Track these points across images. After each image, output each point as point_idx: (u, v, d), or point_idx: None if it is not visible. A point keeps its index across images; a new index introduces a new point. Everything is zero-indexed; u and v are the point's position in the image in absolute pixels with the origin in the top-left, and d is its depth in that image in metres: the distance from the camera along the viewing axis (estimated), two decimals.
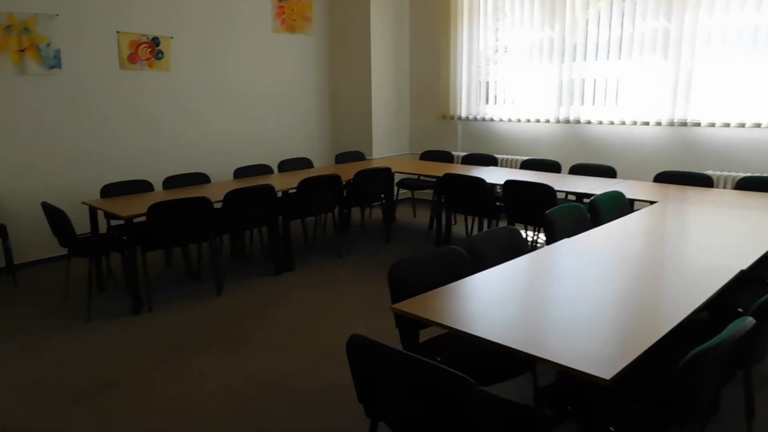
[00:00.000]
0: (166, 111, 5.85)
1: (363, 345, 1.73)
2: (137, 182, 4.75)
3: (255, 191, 4.48)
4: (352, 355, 1.80)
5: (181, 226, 4.07)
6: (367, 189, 5.41)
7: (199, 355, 3.36)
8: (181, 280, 4.71)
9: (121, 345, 3.51)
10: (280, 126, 6.98)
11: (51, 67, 4.92)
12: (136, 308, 3.99)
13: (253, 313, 4.00)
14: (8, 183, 4.85)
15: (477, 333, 1.85)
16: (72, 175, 5.24)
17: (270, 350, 3.42)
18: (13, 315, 3.99)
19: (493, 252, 2.82)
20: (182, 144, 6.03)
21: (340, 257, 5.30)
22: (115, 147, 5.50)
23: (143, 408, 2.81)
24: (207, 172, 5.41)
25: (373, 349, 1.70)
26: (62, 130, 5.13)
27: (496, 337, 1.81)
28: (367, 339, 1.73)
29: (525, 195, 4.44)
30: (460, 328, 1.89)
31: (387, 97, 7.38)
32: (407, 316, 2.07)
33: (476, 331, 1.86)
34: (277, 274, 4.82)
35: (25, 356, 3.37)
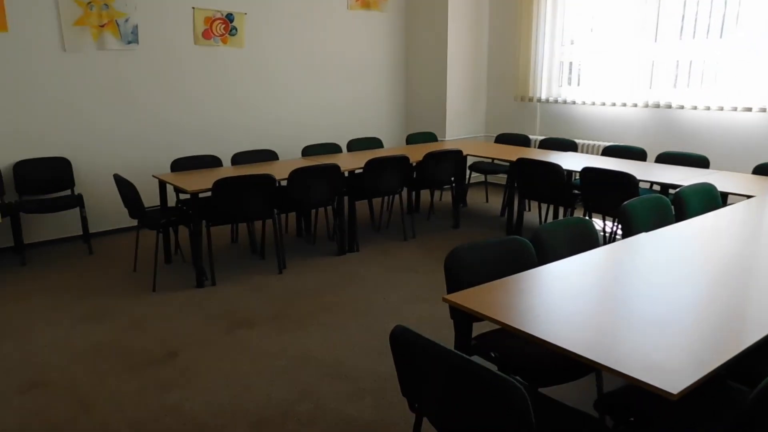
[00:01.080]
0: (237, 88, 5.96)
1: (406, 337, 1.66)
2: (207, 157, 4.88)
3: (320, 170, 4.48)
4: (396, 346, 1.73)
5: (244, 203, 4.14)
6: (437, 171, 5.30)
7: (257, 331, 3.42)
8: (246, 256, 4.81)
9: (182, 316, 3.63)
10: (352, 105, 6.97)
11: (129, 42, 5.13)
12: (199, 281, 4.11)
13: (314, 292, 4.02)
14: (86, 154, 5.12)
15: (532, 332, 1.73)
16: (146, 149, 5.46)
17: (327, 331, 3.43)
18: (86, 281, 4.22)
19: (561, 244, 2.66)
20: (253, 121, 6.14)
21: (406, 240, 5.24)
22: (188, 123, 5.68)
23: (201, 379, 2.89)
24: (276, 150, 5.49)
25: (416, 342, 1.63)
26: (137, 105, 5.34)
27: (553, 338, 1.69)
28: (410, 331, 1.65)
29: (604, 183, 4.19)
30: (514, 325, 1.78)
31: (463, 77, 7.19)
32: (458, 308, 1.98)
33: (531, 330, 1.74)
34: (340, 255, 4.84)
35: (92, 322, 3.56)
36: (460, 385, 1.55)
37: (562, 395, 2.73)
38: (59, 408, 2.65)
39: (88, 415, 2.59)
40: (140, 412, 2.62)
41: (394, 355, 1.76)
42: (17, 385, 2.84)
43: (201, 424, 2.53)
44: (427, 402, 1.74)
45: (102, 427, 2.50)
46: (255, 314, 3.67)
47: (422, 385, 1.72)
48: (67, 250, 4.91)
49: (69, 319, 3.60)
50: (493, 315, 1.86)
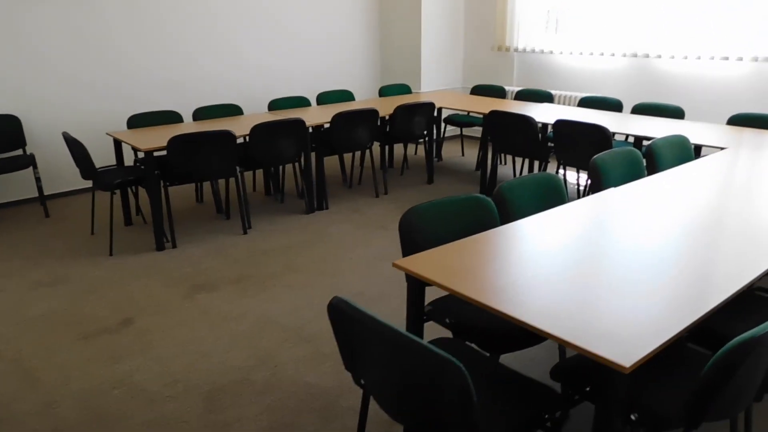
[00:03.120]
0: (201, 40, 5.66)
1: (343, 309, 1.55)
2: (166, 113, 4.65)
3: (283, 125, 4.29)
4: (334, 319, 1.62)
5: (202, 161, 3.96)
6: (409, 125, 5.12)
7: (217, 295, 3.31)
8: (211, 217, 4.66)
9: (140, 281, 3.50)
10: (322, 56, 6.69)
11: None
12: (159, 244, 3.97)
13: (279, 253, 3.90)
14: (38, 110, 4.84)
15: (480, 299, 1.63)
16: (104, 102, 5.19)
17: (291, 293, 3.32)
18: (41, 246, 4.05)
19: (525, 202, 2.55)
20: (218, 75, 5.87)
21: (378, 197, 5.11)
22: (149, 74, 5.40)
23: (155, 348, 2.79)
24: (243, 105, 5.27)
25: (353, 316, 1.52)
26: (95, 53, 5.04)
27: (504, 306, 1.59)
28: (347, 303, 1.54)
29: (577, 136, 4.06)
30: (462, 292, 1.68)
31: (438, 26, 6.92)
32: (409, 273, 1.87)
33: (480, 297, 1.64)
34: (309, 213, 4.70)
35: (46, 288, 3.42)
36: (398, 362, 1.45)
37: (521, 362, 2.67)
38: (3, 382, 2.54)
39: (33, 390, 2.48)
40: (88, 384, 2.52)
41: (333, 328, 1.65)
42: None
43: (151, 397, 2.43)
44: (370, 378, 1.65)
45: (46, 403, 2.40)
46: (217, 277, 3.55)
47: (364, 360, 1.62)
48: (22, 214, 4.71)
49: (22, 286, 3.46)
50: (442, 282, 1.75)
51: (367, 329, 1.51)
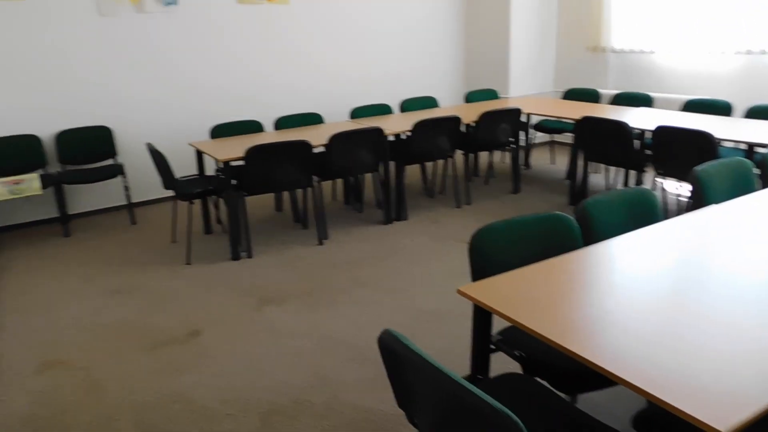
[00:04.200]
0: (283, 48, 5.73)
1: (393, 347, 1.40)
2: (248, 123, 4.71)
3: (361, 134, 4.21)
4: (384, 354, 1.47)
5: (279, 171, 3.95)
6: (494, 132, 4.89)
7: (285, 309, 3.26)
8: (288, 226, 4.66)
9: (212, 292, 3.52)
10: (406, 63, 6.59)
11: (168, 4, 4.98)
12: (234, 254, 3.99)
13: (352, 265, 3.81)
14: (127, 122, 5.07)
15: (551, 335, 1.42)
16: (188, 114, 5.36)
17: (359, 310, 3.21)
18: (124, 253, 4.21)
19: (613, 219, 2.29)
20: (299, 83, 5.91)
21: (459, 207, 4.92)
22: (231, 87, 5.52)
23: (218, 362, 2.76)
24: (324, 113, 5.26)
25: (403, 354, 1.36)
26: (178, 69, 5.22)
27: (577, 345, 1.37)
28: (397, 340, 1.39)
29: (677, 144, 3.67)
30: (530, 326, 1.48)
31: (528, 28, 6.61)
32: (474, 302, 1.69)
33: (552, 333, 1.43)
34: (387, 224, 4.59)
35: (123, 296, 3.51)
36: (449, 409, 1.28)
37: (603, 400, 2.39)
38: (70, 390, 2.60)
39: (97, 400, 2.52)
40: (150, 396, 2.52)
41: (385, 363, 1.51)
42: (36, 364, 2.82)
43: (209, 414, 2.39)
44: (422, 419, 1.48)
45: (108, 415, 2.42)
46: (286, 290, 3.51)
47: (416, 399, 1.46)
48: (111, 221, 4.94)
49: (100, 292, 3.58)
50: (509, 313, 1.56)
51: (416, 369, 1.35)
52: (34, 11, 4.50)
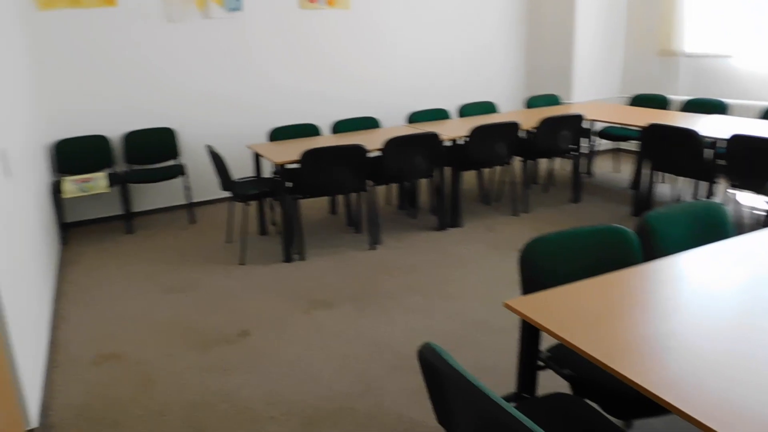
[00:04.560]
0: (342, 53, 5.76)
1: (432, 361, 1.35)
2: (306, 126, 4.77)
3: (416, 139, 4.18)
4: (424, 368, 1.43)
5: (333, 175, 3.97)
6: (553, 139, 4.75)
7: (335, 313, 3.26)
8: (342, 230, 4.68)
9: (263, 293, 3.57)
10: (466, 68, 6.50)
11: (232, 9, 5.11)
12: (287, 256, 4.04)
13: (403, 271, 3.78)
14: (190, 124, 5.22)
15: (602, 357, 1.34)
16: (249, 117, 5.47)
17: (410, 316, 3.18)
18: (183, 251, 4.33)
19: (677, 234, 2.16)
20: (357, 87, 5.93)
21: (516, 215, 4.80)
22: (291, 90, 5.60)
23: (266, 363, 2.79)
24: (382, 117, 5.26)
25: (442, 369, 1.31)
26: (240, 73, 5.34)
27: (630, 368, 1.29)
28: (437, 355, 1.34)
29: (756, 154, 3.44)
30: (580, 346, 1.40)
31: (595, 30, 6.40)
32: (521, 317, 1.63)
33: (603, 354, 1.35)
34: (441, 230, 4.53)
35: (178, 294, 3.61)
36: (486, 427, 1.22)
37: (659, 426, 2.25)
38: (124, 384, 2.68)
39: (148, 395, 2.58)
40: (199, 395, 2.56)
41: (424, 377, 1.46)
42: (94, 356, 2.93)
43: (254, 415, 2.41)
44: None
45: (158, 411, 2.48)
46: (337, 294, 3.51)
47: (455, 418, 1.41)
48: (171, 219, 5.10)
49: (158, 289, 3.69)
50: (557, 330, 1.49)
51: (455, 386, 1.30)
52: (107, 19, 4.70)
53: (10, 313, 2.19)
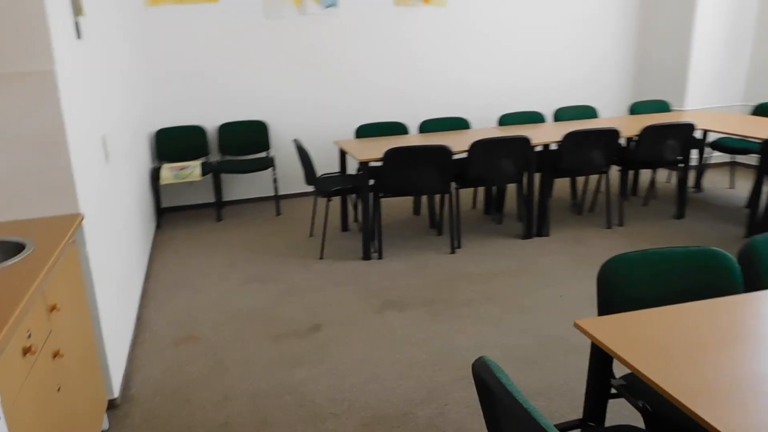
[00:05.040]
0: (436, 51, 5.73)
1: (485, 375, 1.31)
2: (393, 125, 4.79)
3: (505, 142, 4.08)
4: (477, 383, 1.38)
5: (416, 175, 3.96)
6: (658, 149, 4.48)
7: (406, 315, 3.25)
8: (423, 231, 4.66)
9: (338, 289, 3.62)
10: (565, 68, 6.27)
11: (328, 6, 5.22)
12: (366, 254, 4.08)
13: (482, 278, 3.71)
14: (281, 118, 5.40)
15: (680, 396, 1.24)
16: (339, 113, 5.57)
17: (482, 326, 3.11)
18: (266, 242, 4.48)
19: None
20: (449, 86, 5.87)
21: (609, 228, 4.57)
22: (382, 87, 5.64)
23: (333, 359, 2.83)
24: (472, 118, 5.20)
25: (493, 387, 1.27)
26: (333, 69, 5.45)
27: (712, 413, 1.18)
28: (489, 370, 1.29)
29: None
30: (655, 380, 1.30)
31: (716, 31, 5.95)
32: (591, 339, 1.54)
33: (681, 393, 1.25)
34: (526, 239, 4.41)
35: (257, 283, 3.74)
36: None
37: None
38: (199, 365, 2.81)
39: (219, 378, 2.70)
40: (266, 384, 2.65)
41: (478, 392, 1.42)
42: (175, 337, 3.10)
43: (316, 410, 2.45)
44: None
45: (225, 395, 2.58)
46: (411, 296, 3.50)
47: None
48: (258, 210, 5.29)
49: (239, 278, 3.85)
50: (631, 359, 1.40)
51: (505, 407, 1.25)
52: (208, 14, 4.96)
53: (100, 291, 2.37)
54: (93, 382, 2.15)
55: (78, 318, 2.03)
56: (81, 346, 2.02)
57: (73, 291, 2.02)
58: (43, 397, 1.56)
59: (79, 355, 1.99)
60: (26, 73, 1.98)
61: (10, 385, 1.33)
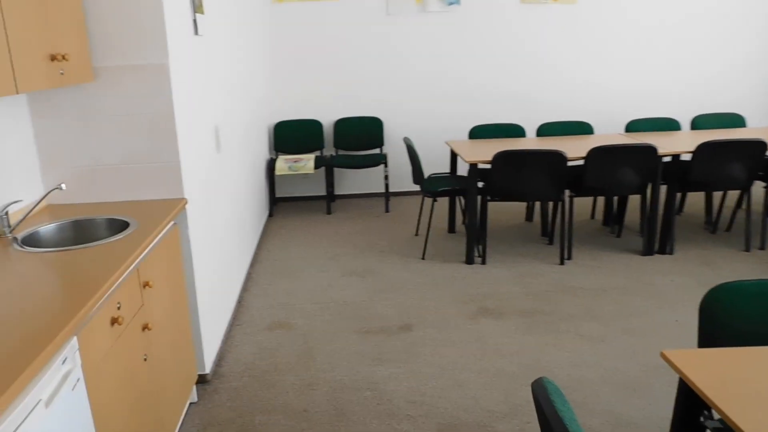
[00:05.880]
0: (561, 49, 5.49)
1: (541, 398, 1.24)
2: (510, 127, 4.68)
3: (627, 150, 3.83)
4: (535, 404, 1.32)
5: (526, 180, 3.83)
6: None
7: (502, 324, 3.17)
8: (533, 239, 4.50)
9: (435, 290, 3.60)
10: (704, 71, 5.74)
11: (450, 3, 5.20)
12: (468, 258, 4.01)
13: (586, 294, 3.51)
14: (396, 115, 5.46)
15: None
16: (455, 112, 5.52)
17: (582, 344, 2.95)
18: (371, 237, 4.56)
19: None
20: (573, 87, 5.61)
21: (748, 251, 4.14)
22: (502, 87, 5.52)
23: (419, 361, 2.82)
24: (596, 123, 4.94)
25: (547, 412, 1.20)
26: (451, 67, 5.41)
27: None
28: (544, 392, 1.23)
29: None
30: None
31: None
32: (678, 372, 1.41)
33: None
34: (645, 255, 4.11)
35: (355, 278, 3.82)
36: None
37: None
38: (288, 352, 2.93)
39: (305, 366, 2.79)
40: (348, 377, 2.70)
41: (537, 412, 1.35)
42: (269, 322, 3.25)
43: (392, 409, 2.46)
44: None
45: (309, 383, 2.67)
46: (509, 304, 3.40)
47: None
48: (368, 206, 5.40)
49: (339, 270, 3.95)
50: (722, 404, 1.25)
51: None
52: (332, 11, 5.14)
53: (199, 272, 2.54)
54: (183, 356, 2.32)
55: (172, 295, 2.20)
56: (173, 321, 2.19)
57: (171, 270, 2.19)
58: (128, 364, 1.71)
59: (170, 330, 2.15)
60: (143, 65, 2.18)
61: (94, 350, 1.48)
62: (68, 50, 1.92)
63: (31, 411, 1.15)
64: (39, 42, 1.73)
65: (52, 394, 1.24)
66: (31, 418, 1.14)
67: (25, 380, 1.12)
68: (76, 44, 2.01)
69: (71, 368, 1.33)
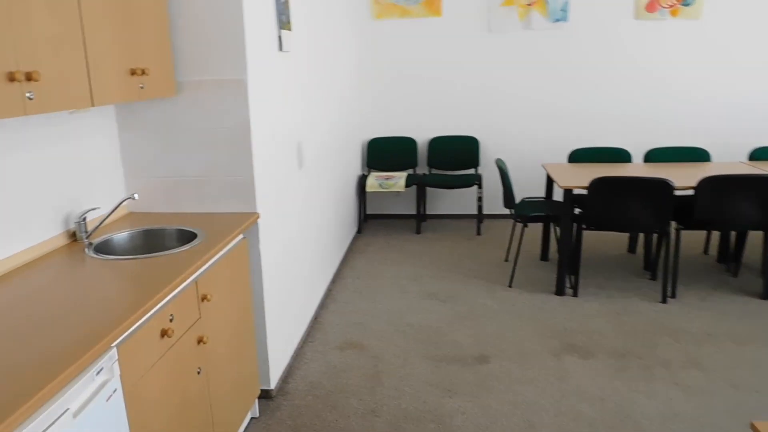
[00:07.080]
0: (683, 71, 5.08)
1: None
2: (614, 151, 4.39)
3: (748, 181, 3.45)
4: None
5: (626, 209, 3.55)
6: None
7: (586, 364, 2.93)
8: (633, 272, 4.17)
9: (519, 321, 3.41)
10: None
11: (556, 20, 4.98)
12: (559, 288, 3.78)
13: (690, 338, 3.18)
14: (494, 135, 5.29)
15: None
16: (558, 134, 5.27)
17: (676, 394, 2.66)
18: (458, 261, 4.42)
19: None
20: (691, 110, 5.16)
21: None
22: (611, 108, 5.19)
23: (490, 397, 2.67)
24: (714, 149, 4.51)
25: None
26: (557, 87, 5.17)
27: None
28: None
29: None
30: None
31: None
32: None
33: None
34: (763, 299, 3.68)
35: (436, 302, 3.70)
36: None
37: None
38: (355, 374, 2.87)
39: (371, 391, 2.72)
40: (414, 407, 2.59)
41: None
42: (341, 341, 3.21)
43: None
44: None
45: (372, 409, 2.59)
46: (599, 343, 3.15)
47: None
48: (459, 228, 5.26)
49: (420, 292, 3.85)
50: None
51: None
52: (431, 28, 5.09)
53: (269, 288, 2.56)
54: (245, 370, 2.32)
55: (236, 309, 2.22)
56: (235, 335, 2.20)
57: (236, 283, 2.21)
58: (178, 377, 1.72)
59: (231, 344, 2.16)
60: (222, 80, 2.23)
61: (138, 361, 1.49)
62: (149, 65, 2.00)
63: (56, 420, 1.16)
64: (119, 57, 1.81)
65: (82, 404, 1.25)
66: (54, 427, 1.15)
67: (53, 390, 1.14)
68: (159, 59, 2.09)
69: (108, 379, 1.35)
